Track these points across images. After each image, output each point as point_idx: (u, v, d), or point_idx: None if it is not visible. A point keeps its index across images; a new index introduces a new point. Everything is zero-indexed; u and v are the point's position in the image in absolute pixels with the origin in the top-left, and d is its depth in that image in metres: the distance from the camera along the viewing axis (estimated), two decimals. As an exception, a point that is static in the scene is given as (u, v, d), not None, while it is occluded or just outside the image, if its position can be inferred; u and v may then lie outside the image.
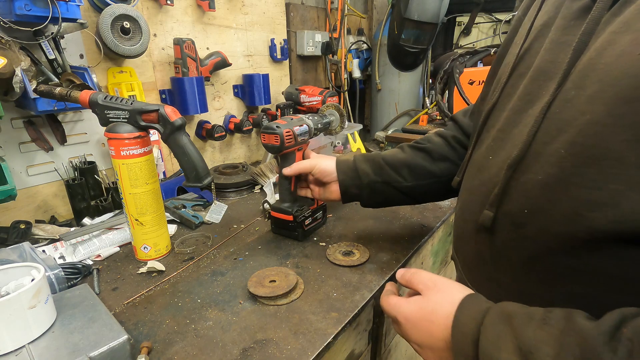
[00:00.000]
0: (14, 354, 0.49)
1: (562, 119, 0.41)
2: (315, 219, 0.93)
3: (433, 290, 0.48)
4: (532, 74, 0.49)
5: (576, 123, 0.40)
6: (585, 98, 0.39)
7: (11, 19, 0.77)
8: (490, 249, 0.50)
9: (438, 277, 0.50)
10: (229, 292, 0.71)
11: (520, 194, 0.45)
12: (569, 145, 0.40)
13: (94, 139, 1.08)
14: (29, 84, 0.83)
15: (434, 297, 0.47)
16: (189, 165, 0.79)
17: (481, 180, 0.53)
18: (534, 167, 0.44)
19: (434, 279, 0.49)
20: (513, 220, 0.46)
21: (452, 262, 1.31)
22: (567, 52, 0.43)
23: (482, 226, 0.50)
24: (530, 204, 0.44)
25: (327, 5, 1.86)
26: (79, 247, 0.84)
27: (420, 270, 0.52)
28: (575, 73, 0.42)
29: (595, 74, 0.39)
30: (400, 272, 0.54)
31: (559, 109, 0.42)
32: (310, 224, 0.92)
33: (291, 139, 0.83)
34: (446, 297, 0.46)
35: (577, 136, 0.39)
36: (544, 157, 0.43)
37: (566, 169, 0.40)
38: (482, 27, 2.28)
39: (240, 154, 1.56)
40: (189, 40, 1.19)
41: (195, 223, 0.99)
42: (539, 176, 0.43)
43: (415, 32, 1.63)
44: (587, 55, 0.41)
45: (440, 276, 0.50)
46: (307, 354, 0.56)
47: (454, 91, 1.80)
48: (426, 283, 0.49)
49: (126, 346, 0.52)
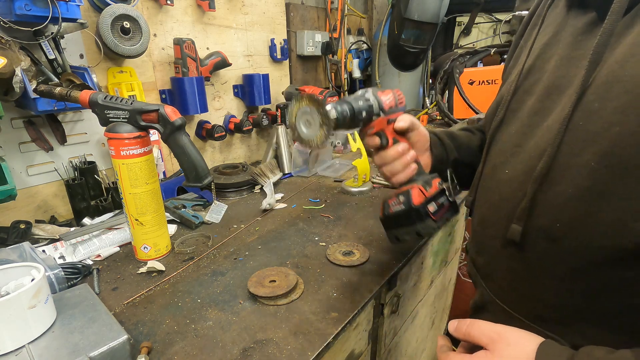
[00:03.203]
0: (14, 354, 0.49)
1: (589, 131, 0.41)
2: None
3: (500, 343, 0.43)
4: (543, 90, 0.50)
5: (607, 134, 0.40)
6: (612, 109, 0.40)
7: (11, 19, 0.77)
8: (524, 265, 0.49)
9: (500, 327, 0.45)
10: (229, 292, 0.71)
11: (550, 207, 0.45)
12: (601, 157, 0.40)
13: (94, 139, 1.08)
14: (29, 84, 0.83)
15: (505, 351, 0.43)
16: (189, 165, 0.79)
17: (501, 195, 0.53)
18: (563, 180, 0.43)
19: (497, 329, 0.45)
20: (546, 234, 0.46)
21: (452, 262, 1.31)
22: (581, 65, 0.44)
23: (511, 241, 0.49)
24: (564, 217, 0.43)
25: (327, 5, 1.86)
26: (79, 247, 0.84)
27: (477, 321, 0.47)
28: (597, 85, 0.42)
29: (620, 85, 0.40)
30: (452, 325, 0.49)
31: (583, 121, 0.42)
32: None
33: None
34: (519, 350, 0.42)
35: (608, 147, 0.39)
36: (573, 169, 0.42)
37: (601, 181, 0.40)
38: (482, 27, 2.28)
39: (240, 154, 1.56)
40: (189, 40, 1.19)
41: (195, 223, 0.99)
42: (569, 189, 0.43)
43: (415, 32, 1.63)
44: (607, 68, 0.41)
45: (501, 325, 0.45)
46: (307, 354, 0.56)
47: (454, 91, 1.81)
48: (490, 335, 0.45)
49: (126, 346, 0.52)
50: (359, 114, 0.64)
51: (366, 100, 0.65)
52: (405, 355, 1.14)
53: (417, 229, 0.64)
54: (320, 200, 1.15)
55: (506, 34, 2.21)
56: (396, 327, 0.99)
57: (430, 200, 0.65)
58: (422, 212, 0.63)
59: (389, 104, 0.67)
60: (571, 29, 0.49)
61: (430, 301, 1.25)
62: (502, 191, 0.53)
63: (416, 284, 1.05)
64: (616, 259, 0.40)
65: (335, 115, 0.60)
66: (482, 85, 1.79)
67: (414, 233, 0.65)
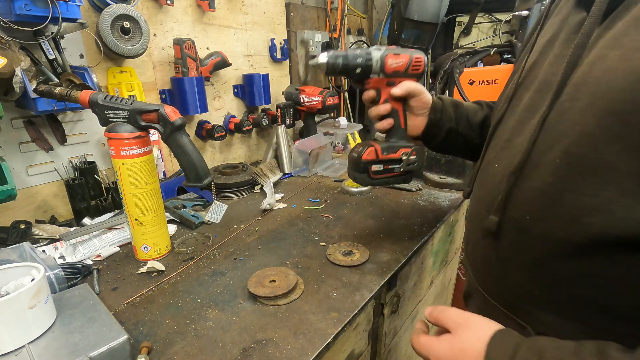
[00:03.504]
0: (14, 354, 0.49)
1: (558, 130, 0.44)
2: None
3: (463, 327, 0.47)
4: (537, 86, 0.51)
5: (570, 134, 0.42)
6: (578, 110, 0.42)
7: (11, 19, 0.77)
8: (497, 253, 0.52)
9: (467, 314, 0.49)
10: (229, 292, 0.71)
11: (522, 200, 0.47)
12: (564, 154, 0.42)
13: (94, 139, 1.08)
14: (29, 84, 0.83)
15: (463, 334, 0.46)
16: (189, 165, 0.79)
17: (487, 188, 0.55)
18: (534, 175, 0.46)
19: (464, 315, 0.49)
20: (517, 225, 0.48)
21: (452, 262, 1.32)
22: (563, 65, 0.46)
23: (489, 231, 0.52)
24: (532, 210, 0.46)
25: (327, 5, 1.86)
26: (79, 247, 0.84)
27: (448, 307, 0.51)
28: (570, 86, 0.44)
29: (586, 87, 0.41)
30: (428, 310, 0.53)
31: (555, 120, 0.45)
32: None
33: None
34: (476, 334, 0.45)
35: (571, 146, 0.41)
36: (542, 166, 0.45)
37: (562, 177, 0.42)
38: (482, 27, 2.28)
39: (240, 154, 1.56)
40: (189, 40, 1.19)
41: (195, 223, 0.99)
42: (537, 184, 0.45)
43: (415, 32, 1.63)
44: (581, 69, 0.43)
45: (469, 312, 0.49)
46: (307, 354, 0.56)
47: (454, 91, 1.80)
48: (455, 320, 0.48)
49: (126, 346, 0.52)
50: (352, 69, 0.71)
51: (368, 58, 0.71)
52: (405, 355, 1.14)
53: (356, 176, 0.78)
54: (320, 200, 1.15)
55: (506, 34, 2.20)
56: (396, 327, 0.99)
57: (379, 162, 0.77)
58: (362, 166, 0.76)
59: (394, 68, 0.73)
60: (568, 27, 0.50)
61: (430, 301, 1.25)
62: (488, 184, 0.56)
63: (416, 284, 1.05)
64: (571, 251, 0.42)
65: (326, 60, 0.70)
66: (482, 85, 1.79)
67: (354, 178, 0.78)
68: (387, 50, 0.73)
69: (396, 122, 0.77)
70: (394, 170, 0.79)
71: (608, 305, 0.41)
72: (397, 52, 0.73)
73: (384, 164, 0.78)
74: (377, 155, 0.76)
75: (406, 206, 1.08)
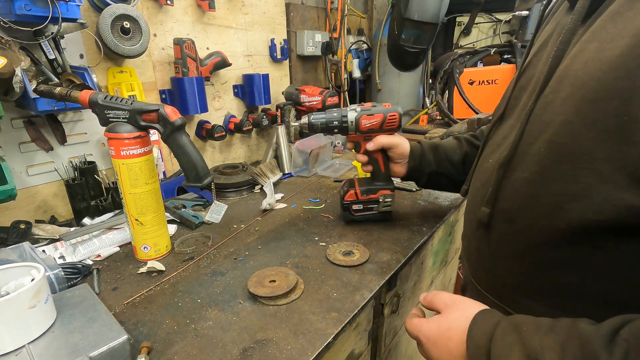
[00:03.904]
0: (14, 354, 0.49)
1: (543, 121, 0.45)
2: None
3: (450, 307, 0.50)
4: (532, 86, 0.53)
5: (553, 124, 0.43)
6: (560, 101, 0.43)
7: (11, 19, 0.77)
8: (488, 245, 0.54)
9: (457, 296, 0.51)
10: (229, 292, 0.71)
11: (511, 191, 0.49)
12: (547, 144, 0.44)
13: (94, 139, 1.08)
14: (29, 84, 0.83)
15: (451, 314, 0.49)
16: (189, 165, 0.79)
17: (481, 181, 0.57)
18: (522, 166, 0.47)
19: (453, 297, 0.51)
20: (506, 216, 0.50)
21: (452, 262, 1.32)
22: None
23: (481, 223, 0.53)
24: (519, 200, 0.48)
25: (327, 5, 1.86)
26: (79, 247, 0.84)
27: (441, 292, 0.54)
28: (554, 79, 0.46)
29: (567, 80, 0.43)
30: (422, 295, 0.56)
31: (540, 112, 0.47)
32: None
33: None
34: (462, 313, 0.47)
35: (553, 135, 0.43)
36: (528, 157, 0.46)
37: (546, 166, 0.44)
38: (482, 27, 2.28)
39: (240, 154, 1.56)
40: (189, 40, 1.19)
41: (195, 223, 0.99)
42: (524, 174, 0.47)
43: (415, 32, 1.63)
44: (564, 63, 0.45)
45: (459, 295, 0.51)
46: (307, 354, 0.56)
47: (454, 91, 1.81)
48: (446, 302, 0.51)
49: (126, 346, 0.52)
50: (331, 128, 0.88)
51: (344, 121, 0.87)
52: (405, 355, 1.14)
53: (342, 211, 0.96)
54: (320, 200, 1.15)
55: (506, 34, 2.21)
56: (396, 327, 0.99)
57: (359, 202, 0.93)
58: (344, 205, 0.94)
59: (369, 126, 0.87)
60: (559, 28, 0.52)
61: (430, 301, 1.25)
62: (482, 178, 0.57)
63: (416, 284, 1.05)
64: (555, 240, 0.44)
65: (307, 121, 0.88)
66: (482, 85, 1.79)
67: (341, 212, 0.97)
68: (362, 111, 0.86)
69: (375, 168, 0.91)
70: (372, 209, 0.94)
71: (593, 293, 0.42)
72: (370, 113, 0.86)
73: (363, 204, 0.93)
74: (357, 197, 0.92)
75: (406, 206, 1.08)
